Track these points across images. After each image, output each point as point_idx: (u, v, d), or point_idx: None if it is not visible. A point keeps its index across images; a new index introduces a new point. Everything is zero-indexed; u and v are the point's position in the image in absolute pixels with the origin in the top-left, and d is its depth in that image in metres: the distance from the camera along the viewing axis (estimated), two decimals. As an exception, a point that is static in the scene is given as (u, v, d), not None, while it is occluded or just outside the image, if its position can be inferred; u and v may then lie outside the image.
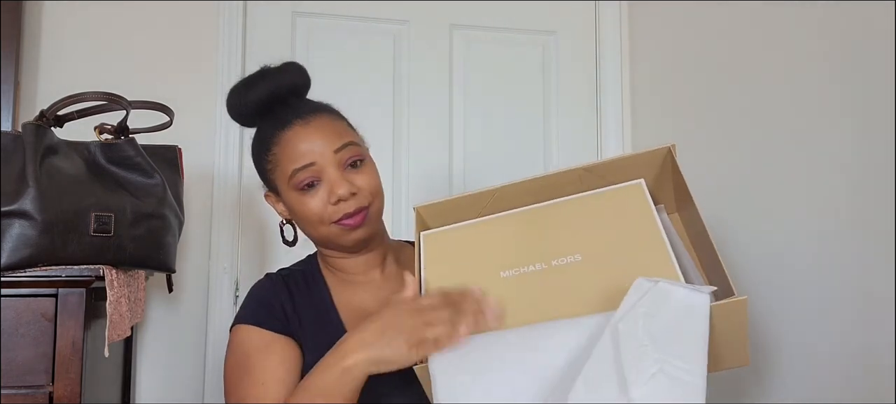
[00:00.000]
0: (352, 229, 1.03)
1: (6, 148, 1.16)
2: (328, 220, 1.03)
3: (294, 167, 1.02)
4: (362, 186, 1.04)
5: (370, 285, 1.11)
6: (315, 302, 1.07)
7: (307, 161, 1.01)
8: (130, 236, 1.22)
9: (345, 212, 1.02)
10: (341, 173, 1.02)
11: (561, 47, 2.10)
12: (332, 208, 1.02)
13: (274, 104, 1.07)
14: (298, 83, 1.11)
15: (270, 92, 1.06)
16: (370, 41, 1.99)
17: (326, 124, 1.05)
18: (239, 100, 1.08)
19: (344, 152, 1.03)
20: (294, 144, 1.02)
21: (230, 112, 1.11)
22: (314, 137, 1.02)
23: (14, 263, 1.12)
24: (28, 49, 1.74)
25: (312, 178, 1.02)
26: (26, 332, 1.14)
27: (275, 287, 1.08)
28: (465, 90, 2.03)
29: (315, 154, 1.01)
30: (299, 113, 1.05)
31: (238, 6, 1.89)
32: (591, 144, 2.10)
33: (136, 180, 1.27)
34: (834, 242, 1.30)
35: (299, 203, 1.03)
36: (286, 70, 1.10)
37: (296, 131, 1.03)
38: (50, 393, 1.14)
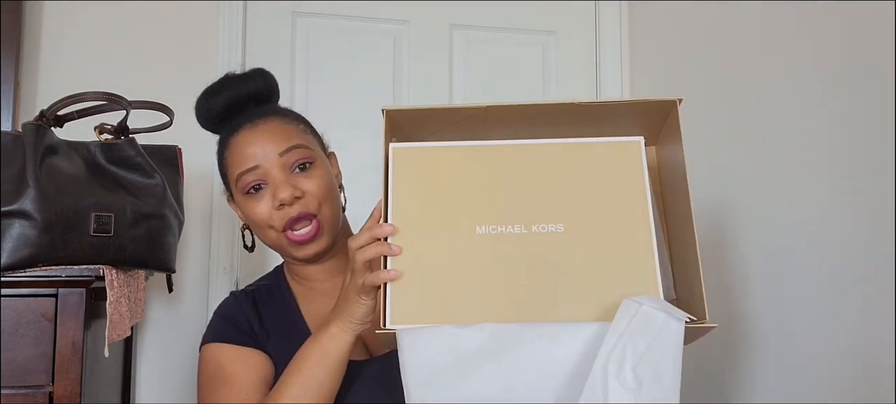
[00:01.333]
0: (302, 244, 1.01)
1: (6, 148, 1.16)
2: (276, 226, 1.01)
3: (239, 170, 1.02)
4: (308, 190, 1.01)
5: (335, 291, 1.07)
6: (282, 314, 1.07)
7: (251, 164, 1.01)
8: (130, 236, 1.22)
9: (289, 217, 0.99)
10: (286, 176, 1.00)
11: (561, 47, 2.10)
12: (277, 213, 1.00)
13: (233, 111, 1.07)
14: (261, 90, 1.10)
15: (231, 98, 1.07)
16: (370, 41, 1.99)
17: (274, 127, 1.03)
18: (203, 106, 1.09)
19: (290, 155, 1.01)
20: (241, 148, 1.02)
21: (198, 118, 1.11)
22: (259, 140, 1.01)
23: (14, 263, 1.12)
24: (28, 49, 1.74)
25: (258, 181, 1.01)
26: (26, 332, 1.14)
27: (240, 304, 1.07)
28: (465, 90, 2.03)
29: (259, 157, 1.01)
30: (249, 117, 1.05)
31: (238, 6, 1.89)
32: (591, 144, 2.10)
33: (136, 180, 1.26)
34: (834, 242, 1.30)
35: (247, 207, 1.03)
36: (250, 77, 1.10)
37: (243, 135, 1.03)
38: (50, 393, 1.14)
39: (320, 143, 1.12)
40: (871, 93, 1.22)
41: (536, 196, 0.88)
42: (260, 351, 1.02)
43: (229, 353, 1.01)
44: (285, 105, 1.88)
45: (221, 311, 1.08)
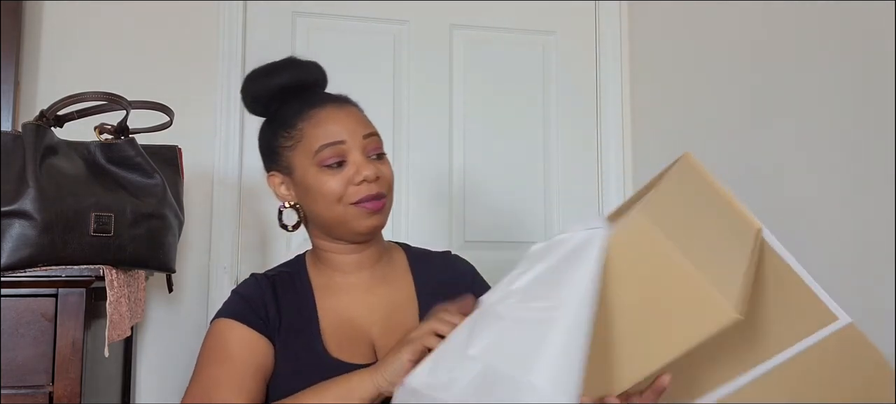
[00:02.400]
0: (370, 213, 1.03)
1: (6, 148, 1.16)
2: (347, 201, 1.03)
3: (323, 143, 1.02)
4: (385, 175, 1.05)
5: (356, 290, 1.09)
6: (299, 305, 1.07)
7: (338, 138, 1.02)
8: (130, 236, 1.22)
9: (367, 193, 1.02)
10: (366, 158, 1.04)
11: (561, 47, 2.10)
12: (353, 188, 1.02)
13: (297, 92, 1.09)
14: (320, 79, 1.14)
15: (297, 79, 1.09)
16: (370, 41, 1.99)
17: (357, 112, 1.08)
18: (263, 82, 1.09)
19: (371, 141, 1.05)
20: (326, 121, 1.04)
21: (247, 94, 1.11)
22: (347, 119, 1.05)
23: (14, 263, 1.12)
24: (28, 49, 1.74)
25: (339, 158, 1.02)
26: (26, 332, 1.14)
27: (260, 286, 1.07)
28: (464, 90, 2.03)
29: (346, 134, 1.03)
30: (331, 97, 1.09)
31: (238, 6, 1.89)
32: (591, 144, 2.10)
33: (136, 180, 1.27)
34: (834, 242, 1.30)
35: (319, 180, 1.03)
36: (312, 65, 1.13)
37: (329, 110, 1.05)
38: (50, 393, 1.14)
39: None
40: (871, 93, 1.22)
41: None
42: (267, 340, 1.02)
43: (238, 333, 1.01)
44: (285, 105, 1.90)
45: (240, 290, 1.08)
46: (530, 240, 2.03)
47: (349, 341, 1.04)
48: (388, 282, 1.11)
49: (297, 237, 1.88)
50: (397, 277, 1.13)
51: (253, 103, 1.11)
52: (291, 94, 1.09)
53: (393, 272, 1.13)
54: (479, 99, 2.04)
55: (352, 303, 1.08)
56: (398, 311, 1.08)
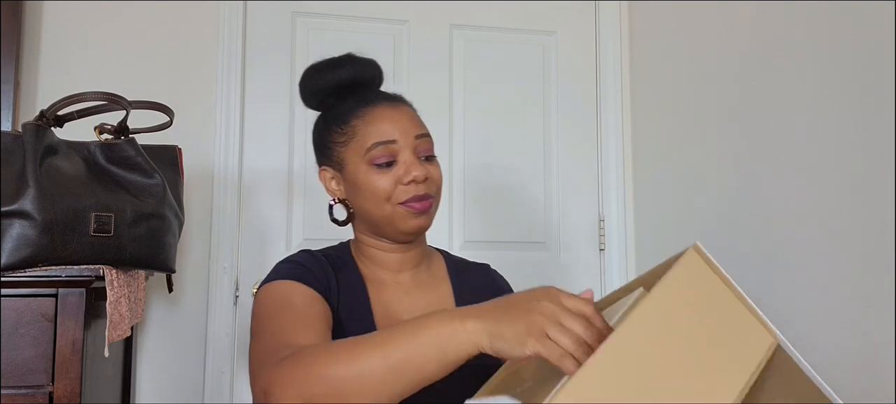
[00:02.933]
0: (416, 214, 1.03)
1: (6, 148, 1.16)
2: (395, 200, 1.02)
3: (374, 141, 1.02)
4: (434, 177, 1.05)
5: (399, 288, 1.08)
6: (354, 290, 1.05)
7: (390, 137, 1.02)
8: (130, 236, 1.22)
9: (415, 193, 1.02)
10: (416, 159, 1.03)
11: (561, 47, 2.10)
12: (402, 188, 1.02)
13: (354, 88, 1.09)
14: (375, 78, 1.13)
15: (354, 75, 1.09)
16: (370, 41, 1.98)
17: (411, 112, 1.08)
18: (321, 76, 1.09)
19: (423, 141, 1.05)
20: (379, 120, 1.04)
21: (305, 86, 1.11)
22: (399, 119, 1.04)
23: (14, 263, 1.12)
24: (28, 49, 1.74)
25: (390, 157, 1.02)
26: (26, 332, 1.14)
27: (317, 259, 1.04)
28: (464, 90, 2.03)
29: (397, 133, 1.03)
30: (385, 96, 1.08)
31: (238, 6, 1.89)
32: (591, 144, 2.10)
33: (136, 180, 1.27)
34: (834, 242, 1.30)
35: (368, 178, 1.03)
36: (370, 63, 1.12)
37: (383, 109, 1.05)
38: (50, 393, 1.14)
39: None
40: (871, 92, 1.22)
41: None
42: (328, 304, 0.98)
43: (301, 291, 0.96)
44: (285, 105, 1.90)
45: (296, 258, 1.03)
46: (530, 240, 2.04)
47: None
48: (428, 287, 1.10)
49: (296, 237, 1.89)
50: (437, 283, 1.12)
51: (310, 97, 1.11)
52: (347, 91, 1.09)
53: (432, 277, 1.12)
54: (479, 99, 2.04)
55: (394, 301, 1.07)
56: None
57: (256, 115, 1.90)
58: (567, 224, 2.06)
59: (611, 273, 2.04)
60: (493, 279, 1.18)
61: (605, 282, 2.05)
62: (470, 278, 1.14)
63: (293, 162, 1.91)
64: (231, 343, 1.81)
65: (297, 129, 1.92)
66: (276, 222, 1.88)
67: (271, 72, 1.92)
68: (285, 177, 1.90)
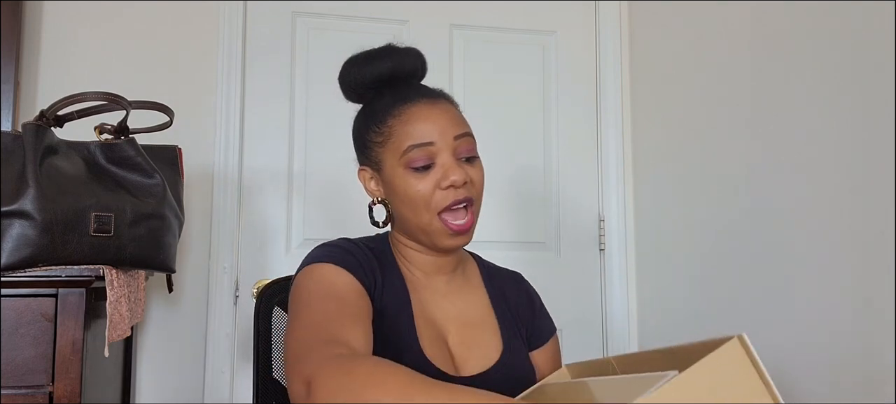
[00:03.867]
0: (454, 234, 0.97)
1: (6, 148, 1.16)
2: (434, 208, 0.96)
3: (411, 143, 0.96)
4: (475, 179, 0.99)
5: (436, 292, 1.04)
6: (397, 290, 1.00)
7: (427, 139, 0.96)
8: (130, 236, 1.22)
9: (454, 199, 0.96)
10: (456, 161, 0.97)
11: (561, 47, 2.10)
12: (440, 193, 0.96)
13: (394, 81, 1.04)
14: (418, 69, 1.08)
15: (393, 68, 1.03)
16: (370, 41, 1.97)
17: (451, 110, 1.01)
18: (359, 70, 1.04)
19: (463, 142, 0.98)
20: (416, 120, 0.97)
21: (343, 80, 1.06)
22: (438, 119, 0.98)
23: (14, 263, 1.12)
24: (28, 49, 1.74)
25: (427, 160, 0.96)
26: (26, 332, 1.14)
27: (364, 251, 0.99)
28: (464, 90, 2.03)
29: (436, 134, 0.96)
30: (424, 93, 1.01)
31: (238, 6, 1.89)
32: (591, 144, 2.10)
33: (136, 180, 1.27)
34: (834, 242, 1.30)
35: (406, 182, 0.97)
36: (410, 53, 1.07)
37: (420, 107, 0.98)
38: (50, 393, 1.14)
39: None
40: (871, 93, 1.22)
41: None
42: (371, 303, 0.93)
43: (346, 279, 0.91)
44: (285, 105, 1.90)
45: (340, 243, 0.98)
46: (530, 240, 2.04)
47: (434, 342, 0.98)
48: (464, 293, 1.06)
49: (296, 238, 1.89)
50: (472, 289, 1.08)
51: (349, 91, 1.06)
52: (386, 84, 1.03)
53: (467, 283, 1.08)
54: (479, 99, 2.03)
55: (432, 304, 1.02)
56: (475, 325, 1.03)
57: (256, 115, 1.90)
58: (567, 224, 2.06)
59: (611, 273, 2.04)
60: (526, 289, 1.14)
61: (605, 282, 2.05)
62: (505, 286, 1.11)
63: (293, 162, 1.91)
64: (231, 343, 1.81)
65: (297, 129, 1.92)
66: (276, 222, 1.88)
67: (271, 72, 1.92)
68: (285, 177, 1.90)
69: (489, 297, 1.08)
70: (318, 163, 1.91)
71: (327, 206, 1.90)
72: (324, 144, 1.91)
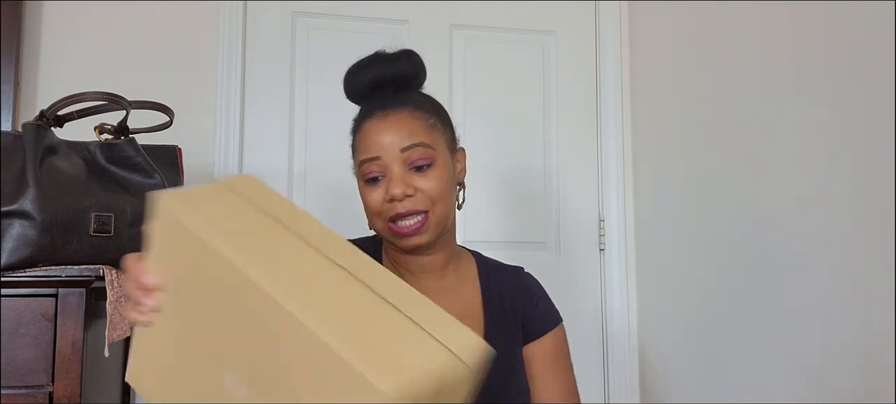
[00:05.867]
0: (403, 236, 1.01)
1: (6, 148, 1.16)
2: (384, 216, 1.01)
3: (362, 157, 1.02)
4: (423, 188, 1.01)
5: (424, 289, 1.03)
6: None
7: (373, 154, 1.01)
8: (130, 236, 1.22)
9: (395, 213, 1.00)
10: (404, 172, 1.01)
11: (561, 47, 2.11)
12: (387, 205, 1.01)
13: (377, 89, 1.07)
14: (406, 73, 1.10)
15: (375, 76, 1.07)
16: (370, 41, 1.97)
17: (403, 120, 1.03)
18: (350, 81, 1.10)
19: (411, 152, 1.01)
20: (368, 135, 1.03)
21: (344, 89, 1.11)
22: (385, 132, 1.02)
23: (14, 263, 1.12)
24: (28, 49, 1.74)
25: (377, 172, 1.01)
26: (26, 332, 1.14)
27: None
28: (464, 90, 2.03)
29: (382, 148, 1.01)
30: (383, 105, 1.04)
31: (238, 6, 1.89)
32: (591, 144, 2.10)
33: (136, 180, 1.27)
34: (834, 242, 1.30)
35: (363, 192, 1.04)
36: (397, 58, 1.10)
37: (372, 123, 1.03)
38: (50, 393, 1.14)
39: (449, 139, 1.11)
40: (870, 93, 1.22)
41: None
42: None
43: None
44: (285, 105, 1.90)
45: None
46: (530, 240, 2.04)
47: None
48: (453, 292, 1.08)
49: (297, 237, 1.89)
50: (464, 287, 1.10)
51: (350, 96, 1.11)
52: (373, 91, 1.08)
53: (459, 281, 1.10)
54: (478, 98, 2.04)
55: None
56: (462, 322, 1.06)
57: (256, 115, 1.90)
58: (567, 224, 2.06)
59: (611, 273, 2.04)
60: (524, 281, 1.16)
61: (605, 282, 2.05)
62: (501, 280, 1.13)
63: (293, 162, 1.91)
64: (231, 343, 1.81)
65: (297, 129, 1.92)
66: (276, 222, 1.88)
67: (271, 72, 1.92)
68: (285, 178, 1.90)
69: (482, 294, 1.10)
70: (318, 163, 1.91)
71: (327, 206, 1.90)
72: (324, 144, 1.91)
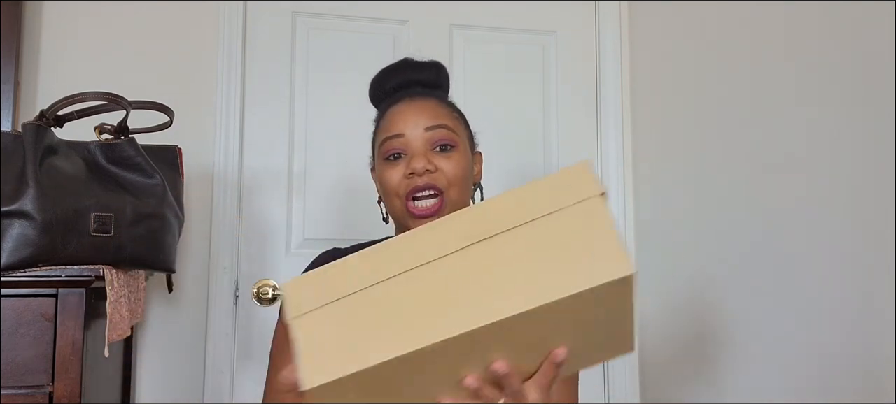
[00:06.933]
0: (418, 217, 1.01)
1: (6, 148, 1.16)
2: (402, 193, 1.02)
3: (385, 135, 1.04)
4: (443, 168, 1.02)
5: None
6: None
7: (397, 131, 1.03)
8: (130, 236, 1.22)
9: (415, 186, 1.00)
10: (426, 151, 1.02)
11: (561, 47, 2.11)
12: (406, 181, 1.01)
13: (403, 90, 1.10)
14: (431, 80, 1.13)
15: (403, 80, 1.11)
16: (370, 41, 1.99)
17: (429, 105, 1.06)
18: (379, 84, 1.13)
19: (435, 132, 1.03)
20: (393, 116, 1.05)
21: (370, 94, 1.15)
22: (411, 113, 1.04)
23: (14, 263, 1.12)
24: (28, 49, 1.74)
25: (399, 150, 1.03)
26: (26, 332, 1.14)
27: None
28: (464, 90, 2.03)
29: (407, 126, 1.03)
30: (411, 94, 1.08)
31: (238, 6, 1.89)
32: (591, 144, 2.10)
33: (136, 180, 1.27)
34: (834, 242, 1.30)
35: (382, 172, 1.05)
36: (426, 66, 1.13)
37: (400, 105, 1.06)
38: (50, 393, 1.14)
39: (469, 139, 1.12)
40: (870, 93, 1.22)
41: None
42: None
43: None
44: (285, 105, 1.90)
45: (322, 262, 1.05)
46: (530, 240, 2.04)
47: None
48: None
49: (296, 238, 1.89)
50: None
51: (375, 102, 1.15)
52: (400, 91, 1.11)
53: None
54: (479, 98, 2.03)
55: None
56: None
57: (256, 115, 1.90)
58: (567, 224, 2.06)
59: (611, 273, 2.04)
60: None
61: (605, 282, 2.05)
62: None
63: (293, 162, 1.91)
64: (231, 343, 1.81)
65: (297, 129, 1.92)
66: (276, 222, 1.88)
67: (271, 71, 1.92)
68: (285, 177, 1.90)
69: None
70: (318, 163, 1.91)
71: (327, 206, 1.90)
72: (324, 144, 1.91)
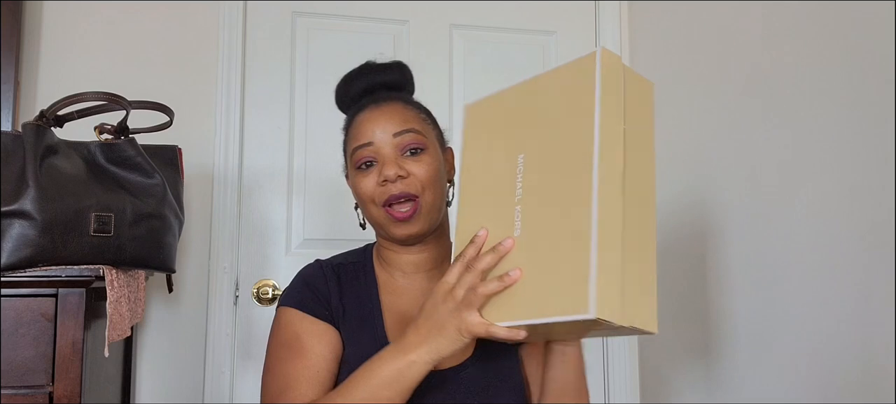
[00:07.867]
0: (399, 221, 1.02)
1: (6, 148, 1.16)
2: (378, 201, 1.03)
3: (355, 145, 1.05)
4: (415, 172, 1.03)
5: (415, 291, 1.08)
6: (362, 298, 1.07)
7: (366, 140, 1.03)
8: (130, 236, 1.22)
9: (389, 195, 1.02)
10: (396, 157, 1.03)
11: (561, 47, 2.11)
12: (379, 189, 1.02)
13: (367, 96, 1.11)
14: (396, 81, 1.13)
15: (366, 84, 1.11)
16: (370, 41, 1.99)
17: (395, 109, 1.06)
18: (342, 90, 1.13)
19: (404, 137, 1.03)
20: (360, 125, 1.05)
21: (336, 101, 1.15)
22: (378, 119, 1.04)
23: (14, 263, 1.12)
24: (28, 49, 1.74)
25: (370, 158, 1.03)
26: (26, 332, 1.14)
27: (323, 274, 1.07)
28: (465, 90, 2.03)
29: (375, 134, 1.03)
30: (376, 99, 1.08)
31: (238, 6, 1.89)
32: (591, 144, 2.10)
33: (136, 180, 1.27)
34: (834, 242, 1.30)
35: (356, 181, 1.05)
36: (388, 68, 1.13)
37: (365, 114, 1.06)
38: (50, 393, 1.14)
39: (438, 137, 1.12)
40: (871, 93, 1.22)
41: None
42: (334, 328, 1.03)
43: (306, 324, 1.02)
44: (285, 105, 1.90)
45: (304, 277, 1.08)
46: (530, 240, 2.04)
47: None
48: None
49: (296, 238, 1.89)
50: None
51: (341, 107, 1.15)
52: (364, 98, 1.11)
53: None
54: (479, 99, 2.04)
55: (410, 305, 1.07)
56: None
57: (256, 115, 1.90)
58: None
59: (611, 273, 2.04)
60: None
61: (605, 282, 2.05)
62: None
63: (293, 162, 1.91)
64: (231, 343, 1.81)
65: (297, 129, 1.92)
66: (276, 222, 1.88)
67: (271, 71, 1.92)
68: (285, 177, 1.90)
69: None
70: (318, 163, 1.91)
71: (327, 206, 1.90)
72: (324, 144, 1.91)
